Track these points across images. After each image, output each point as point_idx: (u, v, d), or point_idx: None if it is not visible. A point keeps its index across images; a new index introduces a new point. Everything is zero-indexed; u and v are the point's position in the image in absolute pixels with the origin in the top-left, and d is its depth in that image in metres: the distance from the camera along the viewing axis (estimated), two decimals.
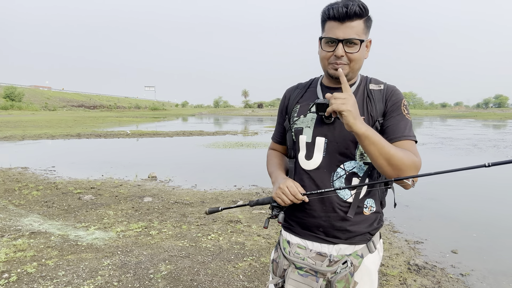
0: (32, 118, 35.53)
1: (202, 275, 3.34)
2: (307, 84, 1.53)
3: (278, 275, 1.38)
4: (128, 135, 19.92)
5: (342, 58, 1.29)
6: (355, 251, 1.37)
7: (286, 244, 1.42)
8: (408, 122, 1.33)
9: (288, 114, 1.50)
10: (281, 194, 1.34)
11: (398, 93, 1.37)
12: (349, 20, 1.25)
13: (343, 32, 1.26)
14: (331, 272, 1.29)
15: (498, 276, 3.53)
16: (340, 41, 1.27)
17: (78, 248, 3.91)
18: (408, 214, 5.59)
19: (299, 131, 1.41)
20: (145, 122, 35.99)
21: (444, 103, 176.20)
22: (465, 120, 46.50)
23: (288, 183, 1.34)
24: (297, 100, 1.49)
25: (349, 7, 1.23)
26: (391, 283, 3.27)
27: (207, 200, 6.10)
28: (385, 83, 1.41)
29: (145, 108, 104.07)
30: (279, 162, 1.57)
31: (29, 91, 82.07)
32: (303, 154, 1.41)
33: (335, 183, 1.35)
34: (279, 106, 1.60)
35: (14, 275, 3.22)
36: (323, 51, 1.32)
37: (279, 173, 1.48)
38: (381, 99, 1.36)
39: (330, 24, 1.29)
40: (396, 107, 1.34)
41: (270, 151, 1.68)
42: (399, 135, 1.29)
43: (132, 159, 11.22)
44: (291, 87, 1.57)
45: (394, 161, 1.19)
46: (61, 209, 5.49)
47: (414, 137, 1.31)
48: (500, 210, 5.93)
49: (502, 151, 13.39)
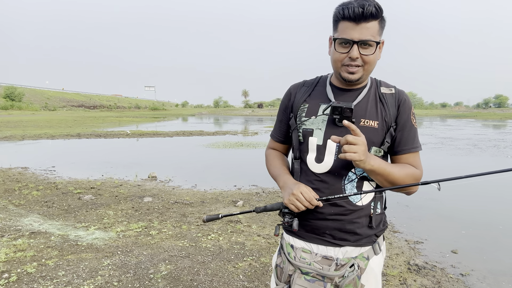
0: (32, 118, 35.53)
1: (202, 275, 3.34)
2: (314, 82, 1.46)
3: (283, 281, 1.35)
4: (128, 135, 19.91)
5: (357, 60, 1.26)
6: (361, 253, 1.36)
7: (290, 249, 1.37)
8: (416, 132, 1.38)
9: (294, 113, 1.43)
10: (295, 201, 1.28)
11: (409, 100, 1.38)
12: (365, 21, 1.22)
13: (358, 33, 1.22)
14: (338, 276, 1.27)
15: (498, 276, 3.53)
16: (355, 42, 1.23)
17: (78, 248, 3.91)
18: (408, 214, 5.59)
19: (309, 132, 1.36)
20: (145, 122, 35.97)
21: (444, 103, 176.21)
22: (465, 120, 46.50)
23: (302, 189, 1.29)
24: (305, 98, 1.42)
25: (365, 7, 1.19)
26: (391, 283, 3.27)
27: (207, 200, 6.10)
28: (395, 86, 1.41)
29: (145, 108, 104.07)
30: (282, 163, 1.51)
31: (29, 91, 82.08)
32: (312, 157, 1.36)
33: (347, 187, 1.33)
34: (281, 103, 1.52)
35: (14, 275, 3.21)
36: (337, 53, 1.28)
37: (288, 177, 1.41)
38: (394, 104, 1.36)
39: (344, 25, 1.24)
40: (407, 117, 1.36)
41: (270, 150, 1.60)
42: (408, 147, 1.36)
43: (132, 159, 11.21)
44: (296, 84, 1.50)
45: (397, 183, 1.29)
46: (61, 209, 5.49)
47: (419, 147, 1.38)
48: (501, 210, 5.93)
49: (502, 151, 13.39)
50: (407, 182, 1.29)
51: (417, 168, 1.36)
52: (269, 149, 1.62)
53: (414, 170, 1.33)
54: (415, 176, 1.32)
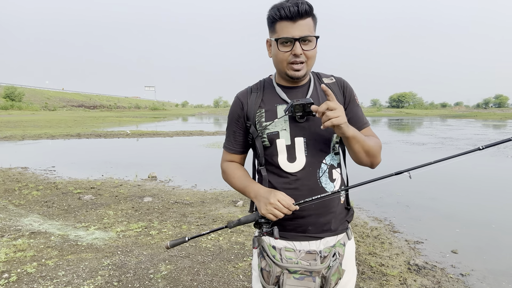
0: (32, 118, 35.53)
1: (202, 275, 3.34)
2: (260, 86, 1.47)
3: (271, 283, 1.35)
4: (128, 135, 19.92)
5: (300, 57, 1.31)
6: (338, 241, 1.42)
7: (274, 251, 1.37)
8: (361, 109, 1.47)
9: (251, 120, 1.42)
10: (273, 210, 1.28)
11: (348, 83, 1.48)
12: (301, 19, 1.28)
13: (298, 31, 1.28)
14: (325, 268, 1.32)
15: (498, 276, 3.53)
16: (296, 39, 1.28)
17: (78, 248, 3.91)
18: (408, 214, 5.59)
19: (275, 135, 1.37)
20: (145, 122, 35.99)
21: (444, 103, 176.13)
22: (465, 120, 46.50)
23: (278, 196, 1.30)
24: (258, 104, 1.42)
25: (299, 5, 1.26)
26: (391, 283, 3.27)
27: (207, 200, 6.10)
28: (333, 75, 1.49)
29: (145, 108, 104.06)
30: (245, 174, 1.49)
31: (29, 91, 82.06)
32: (284, 158, 1.38)
33: (322, 180, 1.38)
34: (231, 113, 1.49)
35: (14, 275, 3.22)
36: (281, 52, 1.32)
37: (258, 186, 1.40)
38: (339, 91, 1.44)
39: (282, 24, 1.29)
40: (352, 98, 1.45)
41: (227, 163, 1.54)
42: (361, 123, 1.43)
43: (132, 159, 11.22)
44: (243, 91, 1.48)
45: (371, 151, 1.33)
46: (61, 209, 5.49)
47: (368, 122, 1.47)
48: (501, 210, 5.93)
49: (502, 151, 13.39)
50: (376, 149, 1.35)
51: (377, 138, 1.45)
52: (226, 162, 1.56)
53: (377, 139, 1.41)
54: (379, 143, 1.40)
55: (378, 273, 3.46)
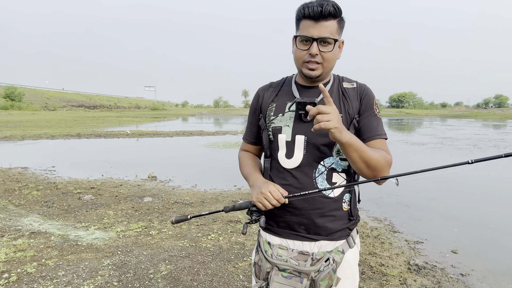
0: (32, 118, 35.53)
1: (202, 275, 3.34)
2: (280, 82, 1.52)
3: (261, 278, 1.37)
4: (128, 135, 19.92)
5: (316, 57, 1.31)
6: (336, 247, 1.39)
7: (267, 246, 1.40)
8: (380, 121, 1.41)
9: (263, 113, 1.49)
10: (263, 199, 1.32)
11: (370, 92, 1.44)
12: (324, 20, 1.28)
13: (318, 31, 1.28)
14: (314, 271, 1.30)
15: (498, 276, 3.53)
16: (314, 39, 1.29)
17: (78, 248, 3.91)
18: (408, 214, 5.59)
19: (278, 130, 1.41)
20: (145, 122, 35.98)
21: (444, 103, 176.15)
22: (465, 120, 46.51)
23: (270, 188, 1.32)
24: (272, 98, 1.48)
25: (323, 6, 1.26)
26: (391, 283, 3.27)
27: (207, 200, 6.10)
28: (357, 81, 1.46)
29: (145, 108, 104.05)
30: (253, 163, 1.55)
31: (29, 91, 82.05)
32: (283, 153, 1.40)
33: (317, 180, 1.37)
34: (251, 105, 1.57)
35: (14, 275, 3.22)
36: (298, 50, 1.34)
37: (257, 176, 1.46)
38: (356, 97, 1.41)
39: (305, 23, 1.31)
40: (369, 107, 1.40)
41: (242, 152, 1.65)
42: (372, 134, 1.37)
43: (132, 159, 11.21)
44: (263, 86, 1.56)
45: (372, 164, 1.26)
46: (61, 209, 5.49)
47: (385, 135, 1.39)
48: (501, 210, 5.93)
49: (502, 151, 13.34)
50: (381, 163, 1.27)
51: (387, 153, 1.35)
52: (242, 151, 1.66)
53: (386, 154, 1.31)
54: (387, 159, 1.30)
55: (378, 273, 3.46)
